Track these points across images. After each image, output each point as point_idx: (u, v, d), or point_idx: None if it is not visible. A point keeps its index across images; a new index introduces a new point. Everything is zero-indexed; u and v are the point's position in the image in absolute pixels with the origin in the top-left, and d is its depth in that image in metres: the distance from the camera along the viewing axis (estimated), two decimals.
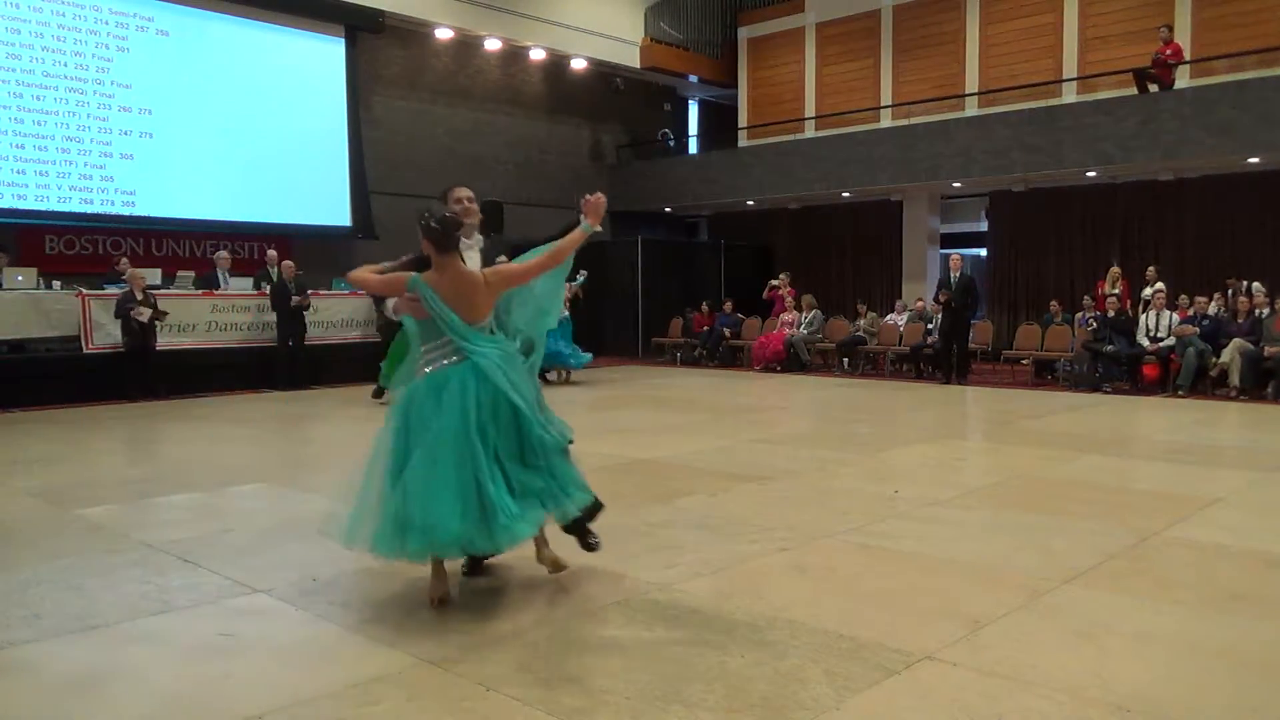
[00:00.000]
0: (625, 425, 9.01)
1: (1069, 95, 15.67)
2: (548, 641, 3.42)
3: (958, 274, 13.08)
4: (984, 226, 17.88)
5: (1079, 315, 13.46)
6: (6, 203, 12.57)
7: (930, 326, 14.09)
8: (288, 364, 12.23)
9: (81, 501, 5.74)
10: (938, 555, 4.55)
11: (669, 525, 5.12)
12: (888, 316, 15.50)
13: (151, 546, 4.71)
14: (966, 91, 16.95)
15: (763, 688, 3.02)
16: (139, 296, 10.96)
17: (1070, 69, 15.87)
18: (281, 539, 4.94)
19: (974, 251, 18.75)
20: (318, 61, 15.56)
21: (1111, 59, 15.27)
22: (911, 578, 4.21)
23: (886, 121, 17.79)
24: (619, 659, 3.25)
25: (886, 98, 18.10)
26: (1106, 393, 11.60)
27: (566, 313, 12.03)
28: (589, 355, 12.84)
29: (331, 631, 3.58)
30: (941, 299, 13.11)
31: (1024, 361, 13.74)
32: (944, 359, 13.30)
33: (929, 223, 17.96)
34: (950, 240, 18.95)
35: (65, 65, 13.09)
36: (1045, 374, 13.41)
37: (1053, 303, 14.21)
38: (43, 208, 12.90)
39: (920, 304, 15.26)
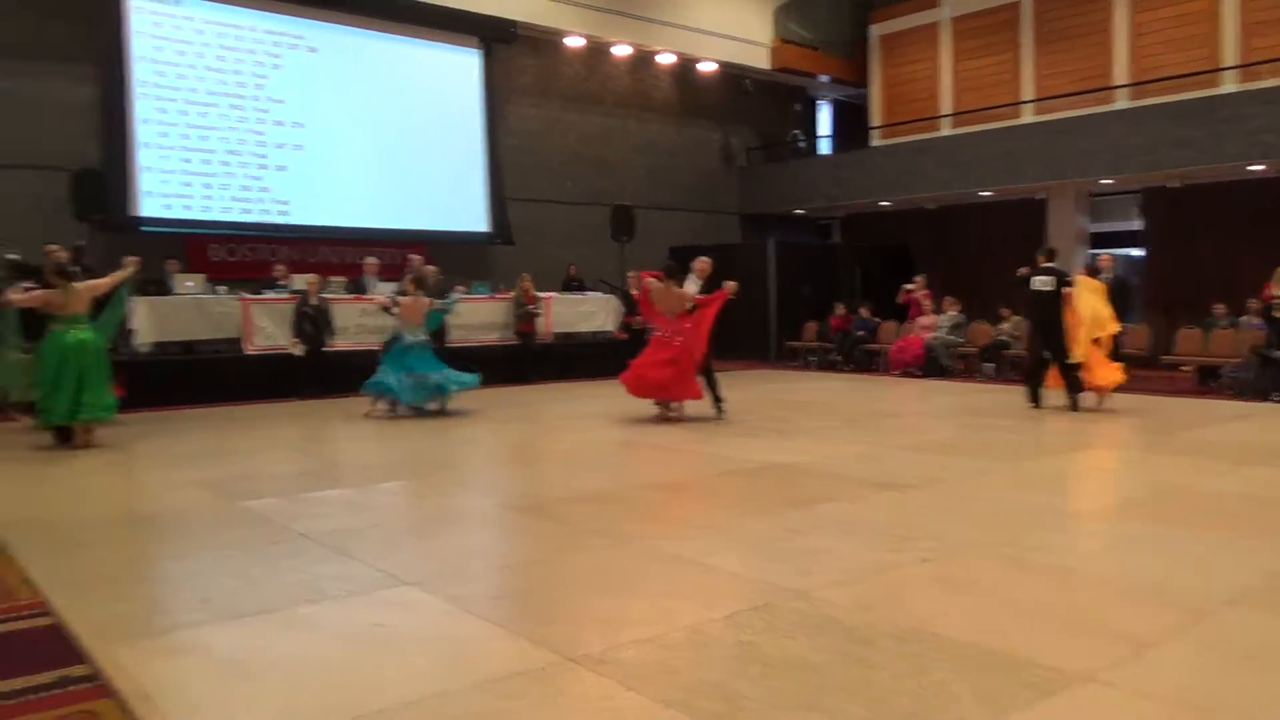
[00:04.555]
0: (759, 429, 8.94)
1: (1228, 85, 14.72)
2: (688, 644, 3.42)
3: (1108, 275, 12.46)
4: (1138, 225, 16.98)
5: (1244, 319, 12.63)
6: (176, 213, 13.49)
7: None
8: None
9: (245, 494, 6.08)
10: (1091, 570, 4.34)
11: (807, 531, 5.05)
12: None
13: (308, 538, 4.95)
14: (1115, 84, 16.14)
15: (907, 702, 2.94)
16: (314, 301, 11.55)
17: (1229, 57, 14.90)
18: (426, 534, 5.11)
19: (1127, 251, 17.84)
20: (455, 73, 16.10)
21: (1277, 45, 14.26)
22: (1064, 593, 4.03)
23: (1028, 117, 17.12)
24: (758, 665, 3.23)
25: (1028, 92, 17.41)
26: (1276, 402, 10.82)
27: (422, 335, 10.04)
28: (471, 377, 10.15)
29: (475, 625, 3.67)
30: None
31: (1184, 368, 12.96)
32: None
33: (1076, 221, 17.18)
34: (1100, 240, 18.08)
35: (226, 83, 13.95)
36: (1209, 381, 12.61)
37: (1218, 305, 13.37)
38: (207, 217, 13.79)
39: None
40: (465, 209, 16.01)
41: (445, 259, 14.86)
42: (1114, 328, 9.75)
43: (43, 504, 5.95)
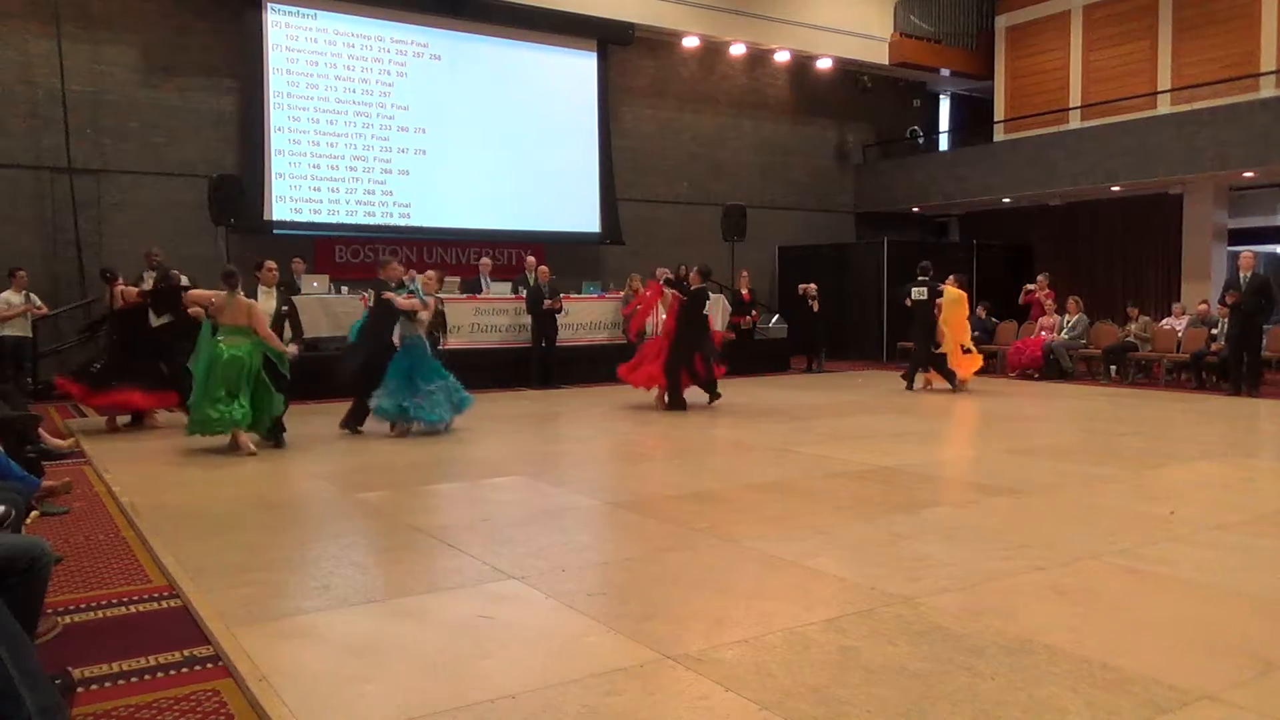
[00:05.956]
0: (868, 431, 8.79)
1: None
2: (787, 647, 3.40)
3: (1248, 274, 11.76)
4: None
5: None
6: (305, 217, 14.12)
7: (1215, 332, 12.76)
8: (541, 364, 12.85)
9: (361, 487, 6.33)
10: (1221, 585, 4.12)
11: (914, 536, 4.94)
12: (1164, 321, 14.17)
13: (420, 530, 5.12)
14: (1262, 70, 15.19)
15: (1016, 714, 2.85)
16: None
17: None
18: (533, 529, 5.21)
19: (1271, 248, 16.78)
20: (572, 76, 16.32)
21: None
22: (1189, 608, 3.83)
23: (1165, 108, 16.28)
24: (859, 671, 3.18)
25: (1165, 81, 16.57)
26: None
27: (418, 334, 8.66)
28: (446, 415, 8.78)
29: (577, 620, 3.73)
30: (1229, 301, 11.83)
31: None
32: (1232, 368, 11.99)
33: (1215, 217, 16.27)
34: (1240, 236, 17.06)
35: (354, 91, 14.51)
36: None
37: None
38: (334, 220, 14.37)
39: (1204, 307, 13.83)
40: (578, 210, 16.23)
41: (558, 259, 15.09)
42: (964, 338, 12.42)
43: (178, 491, 6.31)
